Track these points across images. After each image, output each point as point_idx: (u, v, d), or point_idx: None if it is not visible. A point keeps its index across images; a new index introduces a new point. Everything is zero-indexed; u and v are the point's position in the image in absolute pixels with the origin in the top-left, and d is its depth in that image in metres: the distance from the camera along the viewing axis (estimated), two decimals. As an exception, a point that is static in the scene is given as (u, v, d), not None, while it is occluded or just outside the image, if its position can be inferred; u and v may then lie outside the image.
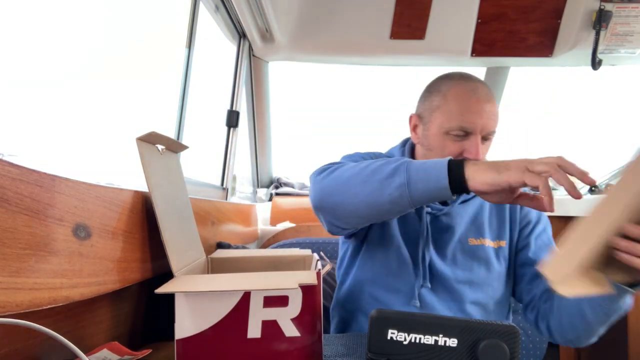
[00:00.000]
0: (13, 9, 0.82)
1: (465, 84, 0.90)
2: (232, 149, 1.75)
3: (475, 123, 0.87)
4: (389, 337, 0.53)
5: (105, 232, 0.62)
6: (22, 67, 0.86)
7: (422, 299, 0.91)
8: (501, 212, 0.98)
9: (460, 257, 0.93)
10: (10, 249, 0.45)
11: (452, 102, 0.89)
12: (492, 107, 0.89)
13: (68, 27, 0.98)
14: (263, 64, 1.89)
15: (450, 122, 0.88)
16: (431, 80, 0.98)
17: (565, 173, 0.65)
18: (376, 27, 1.74)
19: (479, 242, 0.94)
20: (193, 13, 1.38)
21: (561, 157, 0.67)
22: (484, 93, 0.89)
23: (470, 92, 0.88)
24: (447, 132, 0.89)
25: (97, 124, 1.10)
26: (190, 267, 0.77)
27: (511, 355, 0.51)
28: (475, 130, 0.87)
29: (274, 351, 0.61)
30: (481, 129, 0.87)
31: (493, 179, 0.68)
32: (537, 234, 0.97)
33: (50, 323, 0.55)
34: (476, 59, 1.78)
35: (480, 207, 0.97)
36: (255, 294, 0.61)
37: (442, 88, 0.92)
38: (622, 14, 1.62)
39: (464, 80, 0.91)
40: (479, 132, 0.87)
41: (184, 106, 1.37)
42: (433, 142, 0.92)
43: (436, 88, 0.93)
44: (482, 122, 0.87)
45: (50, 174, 0.51)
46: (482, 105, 0.87)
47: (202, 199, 1.11)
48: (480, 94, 0.88)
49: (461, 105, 0.88)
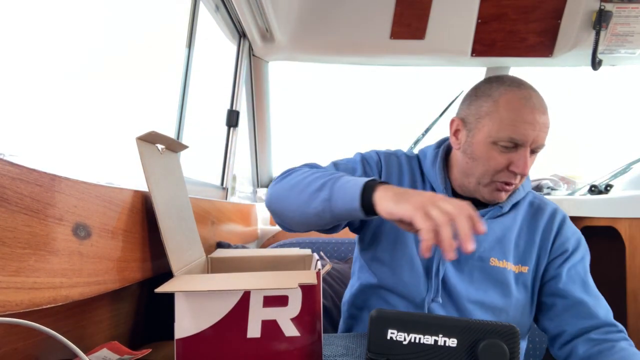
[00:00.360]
0: (13, 9, 0.82)
1: (518, 91, 0.82)
2: (232, 149, 1.75)
3: (527, 135, 0.79)
4: (389, 337, 0.53)
5: (105, 232, 0.62)
6: (22, 67, 0.86)
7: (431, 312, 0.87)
8: (532, 235, 0.90)
9: (478, 275, 0.87)
10: (10, 249, 0.45)
11: (503, 109, 0.81)
12: (546, 119, 0.81)
13: (68, 27, 0.98)
14: (263, 63, 1.89)
15: (500, 132, 0.81)
16: (478, 83, 0.90)
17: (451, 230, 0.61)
18: (376, 27, 1.74)
19: (502, 264, 0.87)
20: (193, 13, 1.38)
21: (466, 209, 0.62)
22: (538, 102, 0.81)
23: (524, 100, 0.81)
24: (495, 142, 0.82)
25: (97, 124, 1.10)
26: (190, 267, 0.77)
27: (511, 355, 0.51)
28: (525, 142, 0.80)
29: (274, 351, 0.61)
30: (532, 142, 0.80)
31: (391, 209, 0.66)
32: (571, 265, 0.88)
33: (50, 322, 0.55)
34: (476, 59, 1.78)
35: (510, 227, 0.89)
36: (255, 293, 0.61)
37: (494, 93, 0.84)
38: (622, 14, 1.62)
39: (517, 87, 0.83)
40: (529, 145, 0.81)
41: (184, 106, 1.37)
42: (478, 151, 0.85)
43: (486, 92, 0.85)
44: (534, 134, 0.80)
45: (50, 174, 0.51)
46: (536, 115, 0.80)
47: (202, 198, 1.11)
48: (534, 103, 0.81)
49: (514, 114, 0.80)
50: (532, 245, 0.90)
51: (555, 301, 0.88)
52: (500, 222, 0.89)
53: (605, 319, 0.84)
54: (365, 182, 0.72)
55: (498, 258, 0.88)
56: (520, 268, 0.89)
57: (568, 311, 0.86)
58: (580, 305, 0.85)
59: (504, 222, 0.89)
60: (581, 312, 0.85)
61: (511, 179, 0.83)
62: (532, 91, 0.83)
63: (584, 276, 0.88)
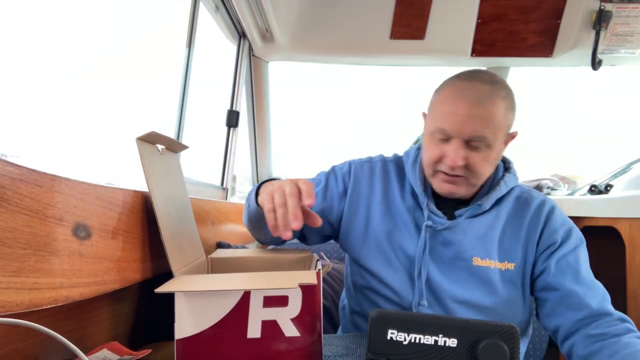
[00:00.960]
0: (14, 9, 0.82)
1: (460, 83, 0.82)
2: (232, 149, 1.75)
3: (454, 126, 0.79)
4: (389, 337, 0.53)
5: (105, 232, 0.62)
6: (22, 67, 0.86)
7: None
8: (517, 231, 0.87)
9: (463, 275, 0.86)
10: (10, 249, 0.45)
11: (440, 101, 0.84)
12: (482, 110, 0.79)
13: (68, 27, 0.98)
14: (263, 64, 1.89)
15: (434, 123, 0.83)
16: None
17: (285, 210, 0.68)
18: (376, 27, 1.74)
19: (485, 263, 0.86)
20: (193, 13, 1.38)
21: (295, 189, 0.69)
22: (475, 94, 0.79)
23: (460, 92, 0.81)
24: (432, 133, 0.84)
25: (97, 124, 1.10)
26: (190, 267, 0.77)
27: (511, 355, 0.51)
28: (453, 134, 0.80)
29: (274, 351, 0.61)
30: (463, 134, 0.79)
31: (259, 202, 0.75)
32: (560, 256, 0.85)
33: (50, 323, 0.55)
34: (476, 59, 1.78)
35: (492, 225, 0.88)
36: (255, 293, 0.61)
37: (441, 86, 0.86)
38: (622, 14, 1.62)
39: (464, 79, 0.83)
40: (459, 137, 0.80)
41: (184, 106, 1.37)
42: (424, 143, 0.88)
43: (439, 86, 0.88)
44: (463, 125, 0.79)
45: (50, 174, 0.51)
46: (468, 107, 0.79)
47: (202, 199, 1.11)
48: (469, 95, 0.79)
49: (446, 106, 0.81)
50: (518, 240, 0.87)
51: (548, 295, 0.85)
52: (482, 220, 0.88)
53: (599, 308, 0.80)
54: (257, 185, 0.83)
55: (481, 257, 0.86)
56: (506, 265, 0.86)
57: (560, 304, 0.83)
58: (571, 296, 0.81)
59: (485, 220, 0.88)
60: (572, 303, 0.81)
61: (446, 170, 0.83)
62: (476, 83, 0.81)
63: (576, 265, 0.84)
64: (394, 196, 0.93)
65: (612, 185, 1.61)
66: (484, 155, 0.81)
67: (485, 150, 0.81)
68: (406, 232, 0.89)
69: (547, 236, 0.87)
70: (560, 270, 0.84)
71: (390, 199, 0.93)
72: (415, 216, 0.90)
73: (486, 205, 0.87)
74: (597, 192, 1.63)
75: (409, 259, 0.88)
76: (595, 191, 1.64)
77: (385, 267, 0.89)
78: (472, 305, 0.86)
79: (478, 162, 0.81)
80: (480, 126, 0.79)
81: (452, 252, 0.87)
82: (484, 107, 0.79)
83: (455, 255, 0.87)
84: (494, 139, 0.80)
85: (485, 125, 0.79)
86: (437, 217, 0.88)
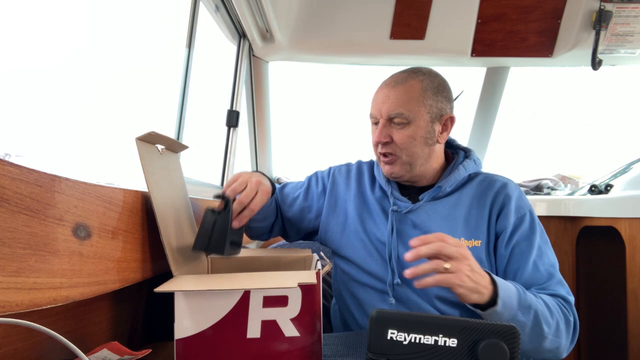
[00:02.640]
0: (14, 9, 0.82)
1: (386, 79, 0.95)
2: (232, 149, 1.75)
3: (375, 108, 0.93)
4: (389, 337, 0.53)
5: (105, 232, 0.62)
6: (22, 67, 0.86)
7: (396, 295, 0.91)
8: (482, 210, 0.91)
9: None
10: (10, 249, 0.45)
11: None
12: (396, 91, 0.90)
13: (68, 27, 0.98)
14: (263, 64, 1.89)
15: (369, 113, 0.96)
16: None
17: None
18: (376, 27, 1.74)
19: None
20: (193, 13, 1.38)
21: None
22: (392, 80, 0.92)
23: (383, 82, 0.94)
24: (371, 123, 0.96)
25: (97, 124, 1.10)
26: (190, 267, 0.77)
27: (511, 355, 0.51)
28: (377, 114, 0.92)
29: (274, 351, 0.61)
30: (383, 113, 0.91)
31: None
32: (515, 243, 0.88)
33: (50, 323, 0.55)
34: (476, 59, 1.78)
35: (456, 205, 0.92)
36: (255, 293, 0.61)
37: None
38: (622, 14, 1.62)
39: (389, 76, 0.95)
40: (382, 117, 0.91)
41: (184, 106, 1.37)
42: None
43: None
44: (382, 105, 0.91)
45: (50, 174, 0.51)
46: (384, 90, 0.92)
47: (202, 199, 1.11)
48: (387, 81, 0.93)
49: (373, 97, 0.95)
50: (483, 218, 0.91)
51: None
52: (444, 202, 0.93)
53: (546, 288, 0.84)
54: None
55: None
56: (473, 242, 0.90)
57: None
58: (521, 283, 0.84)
59: (448, 202, 0.93)
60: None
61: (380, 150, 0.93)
62: (397, 73, 0.94)
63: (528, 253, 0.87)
64: (366, 190, 1.03)
65: (612, 185, 1.61)
66: (408, 132, 0.90)
67: (408, 127, 0.90)
68: (378, 219, 0.97)
69: (502, 220, 0.90)
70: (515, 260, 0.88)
71: (364, 193, 1.03)
72: (383, 205, 0.98)
73: (446, 187, 0.93)
74: (597, 192, 1.63)
75: (382, 243, 0.94)
76: (596, 191, 1.64)
77: (362, 253, 0.96)
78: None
79: (403, 138, 0.90)
80: (396, 104, 0.90)
81: (419, 233, 0.91)
82: (397, 89, 0.91)
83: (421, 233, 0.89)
84: (412, 116, 0.89)
85: (400, 102, 0.89)
86: (401, 202, 0.95)
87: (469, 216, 0.91)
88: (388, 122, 0.91)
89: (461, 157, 0.98)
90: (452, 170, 0.95)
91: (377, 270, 0.93)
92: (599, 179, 1.70)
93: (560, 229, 1.72)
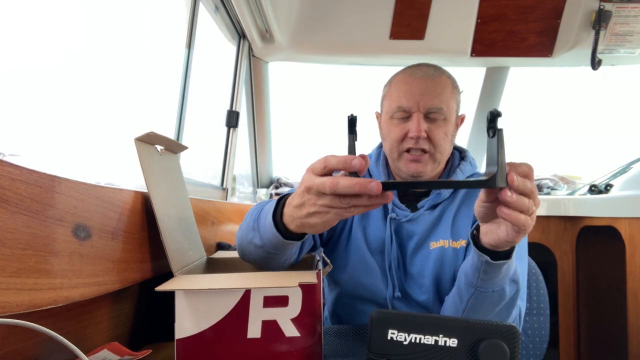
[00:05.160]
0: (14, 9, 0.82)
1: (408, 70, 0.89)
2: (232, 149, 1.75)
3: (412, 100, 0.84)
4: (389, 337, 0.53)
5: (105, 233, 0.62)
6: (22, 67, 0.86)
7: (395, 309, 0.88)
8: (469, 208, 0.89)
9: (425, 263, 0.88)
10: (10, 250, 0.45)
11: (393, 87, 0.89)
12: (434, 84, 0.84)
13: (68, 27, 0.98)
14: (263, 64, 1.89)
15: (392, 105, 0.87)
16: None
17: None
18: (376, 27, 1.74)
19: (439, 244, 0.88)
20: (193, 13, 1.38)
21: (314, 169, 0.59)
22: (424, 72, 0.86)
23: (412, 74, 0.87)
24: (391, 116, 0.87)
25: (97, 124, 1.10)
26: (190, 268, 0.77)
27: (511, 355, 0.51)
28: (412, 108, 0.84)
29: (274, 351, 0.61)
30: (421, 107, 0.84)
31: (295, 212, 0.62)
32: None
33: (50, 323, 0.55)
34: (476, 59, 1.78)
35: (447, 208, 0.90)
36: (255, 293, 0.61)
37: (390, 80, 0.92)
38: (621, 14, 1.62)
39: (409, 68, 0.89)
40: (418, 110, 0.84)
41: (183, 106, 1.37)
42: (384, 131, 0.91)
43: (387, 81, 0.93)
44: (421, 98, 0.83)
45: (50, 175, 0.51)
46: (420, 82, 0.85)
47: (202, 199, 1.11)
48: (420, 73, 0.86)
49: (400, 87, 0.87)
50: (469, 217, 0.89)
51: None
52: (438, 208, 0.90)
53: None
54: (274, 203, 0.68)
55: (435, 240, 0.88)
56: (460, 243, 0.87)
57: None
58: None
59: (441, 207, 0.90)
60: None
61: (412, 145, 0.85)
62: (422, 66, 0.88)
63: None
64: None
65: (611, 185, 1.61)
66: (443, 128, 0.85)
67: (443, 123, 0.85)
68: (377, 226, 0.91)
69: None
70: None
71: None
72: (384, 211, 0.92)
73: (445, 193, 0.90)
74: (597, 191, 1.63)
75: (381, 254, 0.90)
76: (595, 191, 1.64)
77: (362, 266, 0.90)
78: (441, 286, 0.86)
79: (439, 134, 0.85)
80: (436, 98, 0.84)
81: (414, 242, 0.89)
82: (434, 82, 0.85)
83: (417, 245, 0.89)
84: (448, 113, 0.85)
85: (440, 97, 0.84)
86: (400, 210, 0.91)
87: (457, 216, 0.89)
88: (423, 116, 0.84)
89: (457, 159, 0.95)
90: (450, 174, 0.93)
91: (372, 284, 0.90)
92: (598, 179, 1.70)
93: (560, 229, 1.72)
